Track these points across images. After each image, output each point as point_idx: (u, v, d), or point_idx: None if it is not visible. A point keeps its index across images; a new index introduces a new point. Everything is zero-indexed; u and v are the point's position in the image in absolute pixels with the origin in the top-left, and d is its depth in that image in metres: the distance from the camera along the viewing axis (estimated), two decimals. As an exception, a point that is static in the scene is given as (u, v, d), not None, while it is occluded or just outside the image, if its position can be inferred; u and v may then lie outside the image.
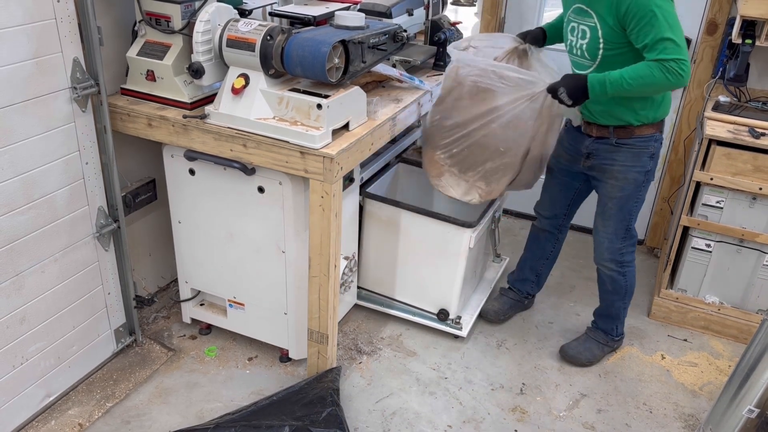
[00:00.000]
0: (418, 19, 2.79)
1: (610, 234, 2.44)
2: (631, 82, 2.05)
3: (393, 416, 2.34)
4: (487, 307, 2.85)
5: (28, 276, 2.04)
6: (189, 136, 2.15)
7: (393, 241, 2.67)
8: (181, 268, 2.54)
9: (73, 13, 1.97)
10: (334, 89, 2.08)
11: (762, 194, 2.58)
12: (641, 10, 2.01)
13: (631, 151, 2.31)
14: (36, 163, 1.98)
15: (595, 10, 2.15)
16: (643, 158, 2.32)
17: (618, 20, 2.08)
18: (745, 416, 1.87)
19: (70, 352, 2.27)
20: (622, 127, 2.29)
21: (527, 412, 2.40)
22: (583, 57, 2.25)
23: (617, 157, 2.33)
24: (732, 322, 2.81)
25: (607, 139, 2.33)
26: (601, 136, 2.35)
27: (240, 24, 2.05)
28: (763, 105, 2.82)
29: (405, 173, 2.93)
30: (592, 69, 2.23)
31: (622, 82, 2.07)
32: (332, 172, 2.01)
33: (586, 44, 2.21)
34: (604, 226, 2.46)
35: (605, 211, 2.43)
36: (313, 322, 2.31)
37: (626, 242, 2.46)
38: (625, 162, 2.32)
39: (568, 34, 2.29)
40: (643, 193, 2.39)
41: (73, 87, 2.03)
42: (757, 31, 2.60)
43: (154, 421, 2.24)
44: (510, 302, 2.88)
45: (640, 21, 2.02)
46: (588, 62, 2.24)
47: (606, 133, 2.33)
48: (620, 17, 2.07)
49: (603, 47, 2.16)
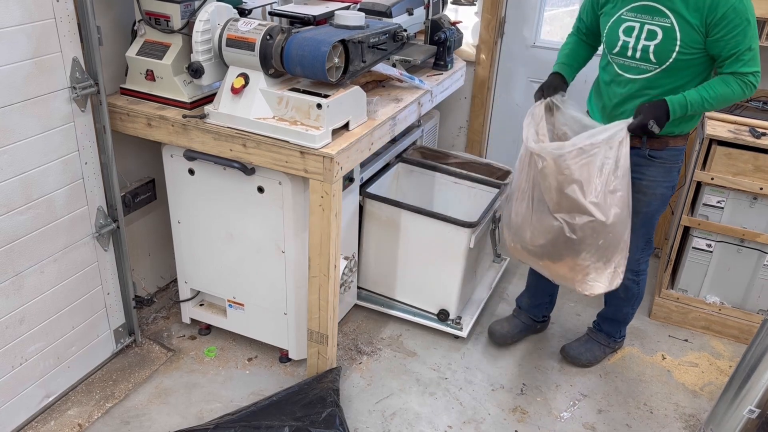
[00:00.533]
0: (418, 19, 2.79)
1: (632, 247, 2.26)
2: (712, 102, 1.98)
3: (393, 417, 2.33)
4: (495, 327, 2.71)
5: (28, 276, 2.04)
6: (188, 136, 2.14)
7: (393, 241, 2.66)
8: (181, 268, 2.53)
9: (73, 13, 1.97)
10: (333, 89, 2.08)
11: (763, 194, 2.57)
12: (738, 17, 1.90)
13: (663, 166, 2.19)
14: (35, 163, 1.98)
15: (674, 9, 1.98)
16: (673, 173, 2.22)
17: (705, 23, 1.94)
18: (745, 416, 1.87)
19: (70, 353, 2.27)
20: (657, 137, 2.14)
21: (528, 413, 2.39)
22: (644, 60, 2.07)
23: (647, 171, 2.20)
24: (733, 323, 2.81)
25: (639, 149, 2.17)
26: (632, 145, 2.12)
27: (239, 23, 2.05)
28: (763, 105, 2.82)
29: (405, 173, 2.92)
30: (653, 74, 2.07)
31: (703, 102, 1.99)
32: (332, 172, 2.00)
33: (655, 45, 2.03)
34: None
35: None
36: (313, 323, 2.31)
37: (645, 252, 2.40)
38: (655, 177, 2.21)
39: (620, 34, 2.10)
40: (666, 205, 2.29)
41: (72, 87, 2.03)
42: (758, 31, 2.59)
43: (154, 422, 2.24)
44: (521, 326, 2.72)
45: (734, 29, 1.91)
46: (651, 66, 2.07)
47: (638, 143, 2.16)
48: (711, 20, 1.93)
49: (679, 50, 2.00)
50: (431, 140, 3.25)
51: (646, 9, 2.04)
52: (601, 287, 2.21)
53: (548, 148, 2.10)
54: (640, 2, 2.05)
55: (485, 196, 2.81)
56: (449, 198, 2.92)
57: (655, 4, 2.02)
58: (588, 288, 2.22)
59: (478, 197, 2.84)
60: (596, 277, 2.20)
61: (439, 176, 2.90)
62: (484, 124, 3.47)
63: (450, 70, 2.88)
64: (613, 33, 2.12)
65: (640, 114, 2.04)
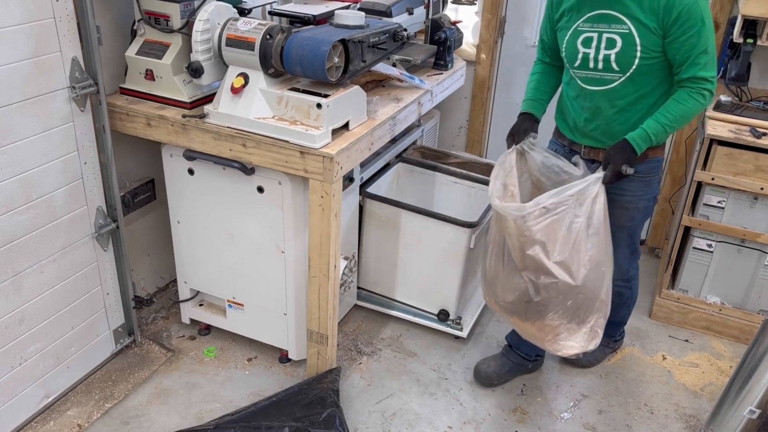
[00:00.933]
0: (418, 18, 2.78)
1: (619, 258, 2.20)
2: (673, 124, 1.95)
3: (393, 417, 2.33)
4: (481, 366, 2.49)
5: (27, 276, 2.03)
6: (188, 136, 2.14)
7: (393, 241, 2.66)
8: (180, 269, 2.53)
9: (72, 13, 1.97)
10: (333, 88, 2.07)
11: (763, 194, 2.57)
12: (692, 18, 1.86)
13: (644, 180, 2.13)
14: (34, 163, 1.97)
15: (630, 14, 1.92)
16: (653, 185, 2.17)
17: (661, 24, 1.90)
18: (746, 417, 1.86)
19: (69, 353, 2.27)
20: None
21: (528, 413, 2.39)
22: (607, 70, 2.00)
23: (628, 187, 2.12)
24: (733, 323, 2.81)
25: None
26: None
27: (239, 23, 2.05)
28: (764, 105, 2.81)
29: (405, 173, 2.92)
30: (618, 83, 2.00)
31: (664, 128, 1.95)
32: (332, 172, 2.00)
33: (616, 54, 1.96)
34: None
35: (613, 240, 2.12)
36: (313, 323, 2.30)
37: (633, 260, 2.37)
38: (636, 192, 2.14)
39: (579, 47, 2.02)
40: (650, 215, 2.22)
41: (71, 86, 2.02)
42: (759, 31, 2.59)
43: (153, 422, 2.23)
44: (509, 365, 2.49)
45: (689, 30, 1.87)
46: (615, 75, 2.00)
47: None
48: (667, 21, 1.88)
49: (641, 55, 1.94)
50: (431, 140, 3.24)
51: (601, 18, 1.98)
52: (574, 348, 2.06)
53: (509, 208, 1.99)
54: (595, 11, 1.98)
55: (485, 196, 2.80)
56: (449, 198, 2.92)
57: (611, 12, 1.95)
58: (560, 348, 2.08)
59: (478, 197, 2.83)
60: (568, 337, 2.06)
61: (439, 176, 2.90)
62: (484, 124, 3.47)
63: (450, 70, 2.88)
64: (571, 46, 2.05)
65: (609, 163, 1.98)
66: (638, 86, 2.00)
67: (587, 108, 2.10)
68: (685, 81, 1.95)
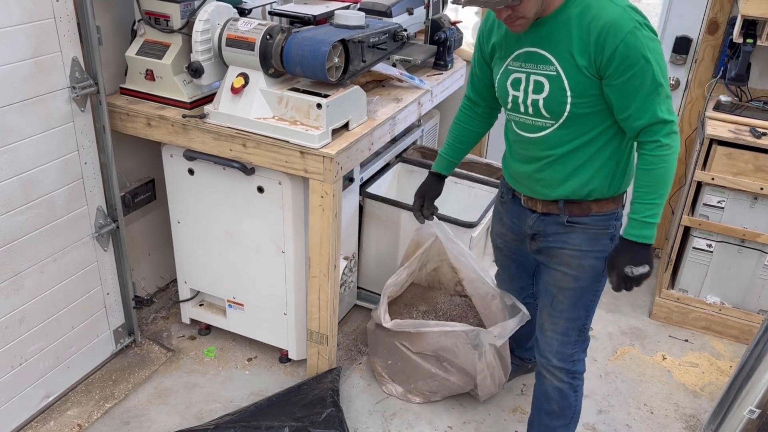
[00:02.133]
0: (418, 18, 2.78)
1: (560, 334, 1.91)
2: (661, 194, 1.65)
3: (393, 417, 2.33)
4: None
5: (27, 276, 2.03)
6: (188, 136, 2.14)
7: (393, 241, 2.66)
8: (181, 269, 2.53)
9: (72, 13, 1.97)
10: (333, 89, 2.07)
11: (763, 194, 2.57)
12: (631, 56, 1.55)
13: (587, 232, 1.80)
14: (35, 163, 1.97)
15: (557, 54, 1.63)
16: (602, 240, 1.81)
17: (594, 64, 1.59)
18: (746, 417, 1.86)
19: (69, 353, 2.27)
20: (575, 202, 1.78)
21: (528, 413, 2.38)
22: (537, 116, 1.71)
23: (569, 239, 1.82)
24: (733, 323, 2.81)
25: (557, 216, 1.82)
26: (548, 212, 1.83)
27: (239, 23, 2.05)
28: (764, 105, 2.81)
29: (405, 173, 2.92)
30: (552, 130, 1.71)
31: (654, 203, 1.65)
32: (332, 172, 2.00)
33: (544, 99, 1.68)
34: (552, 324, 1.91)
35: (554, 305, 1.89)
36: (313, 323, 2.31)
37: (578, 347, 1.95)
38: (580, 246, 1.81)
39: (509, 88, 1.75)
40: (602, 284, 1.87)
41: (72, 86, 2.02)
42: (758, 31, 2.59)
43: (153, 422, 2.23)
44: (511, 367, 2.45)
45: (626, 71, 1.56)
46: (546, 122, 1.71)
47: (555, 209, 1.81)
48: (600, 61, 1.58)
49: (571, 101, 1.64)
50: (431, 140, 3.24)
51: (529, 56, 1.69)
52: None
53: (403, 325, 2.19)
54: (524, 49, 1.70)
55: (485, 196, 2.81)
56: (449, 198, 2.91)
57: (538, 50, 1.67)
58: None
59: (478, 197, 2.83)
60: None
61: (439, 176, 2.89)
62: (484, 124, 3.46)
63: (450, 70, 2.88)
64: (502, 87, 1.77)
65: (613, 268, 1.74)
66: (575, 133, 1.70)
67: (525, 157, 1.83)
68: (641, 134, 1.64)
